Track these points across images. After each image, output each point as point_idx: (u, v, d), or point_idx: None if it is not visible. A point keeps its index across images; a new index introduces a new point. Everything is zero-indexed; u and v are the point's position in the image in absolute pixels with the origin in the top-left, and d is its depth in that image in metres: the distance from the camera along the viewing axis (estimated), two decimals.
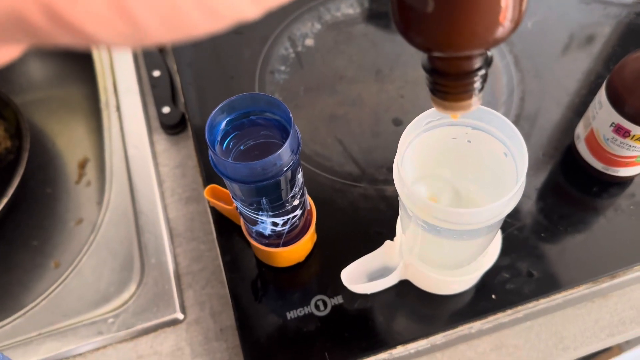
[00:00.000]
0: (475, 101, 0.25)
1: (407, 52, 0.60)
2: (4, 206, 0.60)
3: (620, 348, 1.00)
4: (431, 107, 0.33)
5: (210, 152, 0.35)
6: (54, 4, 0.14)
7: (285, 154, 0.34)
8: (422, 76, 0.59)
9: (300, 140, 0.36)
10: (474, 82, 0.23)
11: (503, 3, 0.20)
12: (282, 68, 0.59)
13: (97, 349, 0.47)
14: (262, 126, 0.37)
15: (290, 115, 0.35)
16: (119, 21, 0.14)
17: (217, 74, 0.59)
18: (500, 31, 0.21)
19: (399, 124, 0.54)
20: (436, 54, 0.23)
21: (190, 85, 0.58)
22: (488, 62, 0.23)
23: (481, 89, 0.24)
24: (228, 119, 0.36)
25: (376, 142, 0.53)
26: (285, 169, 0.35)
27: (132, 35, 0.15)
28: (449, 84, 0.24)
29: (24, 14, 0.14)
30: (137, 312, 0.48)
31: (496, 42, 0.21)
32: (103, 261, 0.52)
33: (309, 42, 0.60)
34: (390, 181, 0.51)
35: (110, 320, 0.48)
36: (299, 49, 0.60)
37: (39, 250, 0.68)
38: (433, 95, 0.25)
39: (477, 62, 0.23)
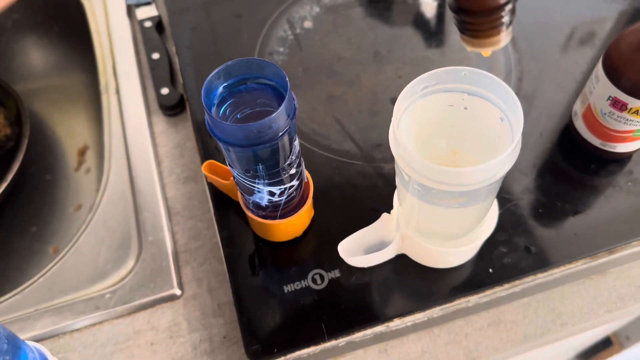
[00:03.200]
0: (505, 36, 0.25)
1: (405, 35, 0.60)
2: (2, 192, 0.60)
3: (621, 345, 1.00)
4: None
5: (206, 116, 0.35)
6: None
7: (281, 117, 0.34)
8: (420, 57, 0.59)
9: (296, 105, 0.36)
10: (502, 17, 0.24)
11: None
12: (281, 50, 0.59)
13: (94, 324, 0.47)
14: (259, 92, 0.37)
15: (287, 79, 0.35)
16: None
17: (216, 56, 0.59)
18: None
19: None
20: None
21: (189, 67, 0.58)
22: None
23: (510, 23, 0.24)
24: (225, 84, 0.36)
25: (374, 121, 0.53)
26: (280, 133, 0.35)
27: None
28: (477, 21, 0.24)
29: None
30: (134, 288, 0.48)
31: None
32: (100, 239, 0.52)
33: (308, 24, 0.61)
34: (387, 159, 0.51)
35: (108, 295, 0.48)
36: (298, 31, 0.61)
37: (38, 236, 0.68)
38: (462, 34, 0.25)
39: None
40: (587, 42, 0.59)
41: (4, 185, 0.61)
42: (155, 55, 0.61)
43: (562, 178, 0.50)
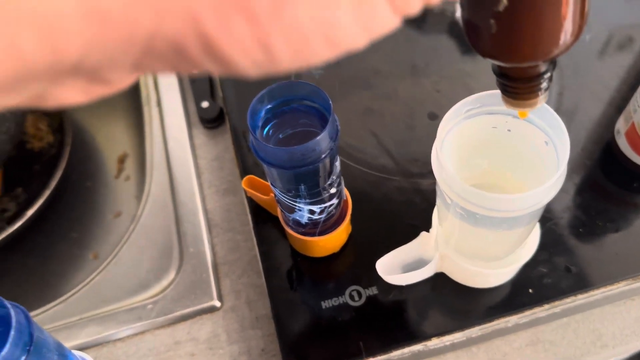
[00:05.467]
0: (542, 99, 0.27)
1: (443, 48, 0.60)
2: (46, 199, 0.62)
3: None
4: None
5: (250, 137, 0.35)
6: (212, 35, 0.15)
7: (324, 140, 0.35)
8: (458, 71, 0.59)
9: (339, 127, 0.37)
10: (540, 83, 0.26)
11: (562, 22, 0.22)
12: None
13: (136, 334, 0.49)
14: (301, 114, 0.38)
15: (330, 102, 0.35)
16: (259, 51, 0.16)
17: None
18: (561, 46, 0.23)
19: (435, 118, 0.54)
20: (503, 65, 0.25)
21: (229, 81, 0.59)
22: (554, 65, 0.25)
23: (547, 88, 0.26)
24: (268, 106, 0.37)
25: (411, 135, 0.53)
26: (323, 155, 0.35)
27: (264, 64, 0.16)
28: (517, 86, 0.26)
29: (184, 43, 0.15)
30: (175, 299, 0.49)
31: (557, 55, 0.23)
32: (142, 250, 0.53)
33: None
34: (425, 174, 0.51)
35: (149, 306, 0.49)
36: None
37: (78, 242, 0.70)
38: (502, 95, 0.28)
39: (543, 67, 0.25)
40: (625, 47, 0.58)
41: (47, 192, 0.63)
42: None
43: (604, 196, 0.49)
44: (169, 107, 0.61)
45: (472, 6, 0.23)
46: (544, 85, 0.26)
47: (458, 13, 0.63)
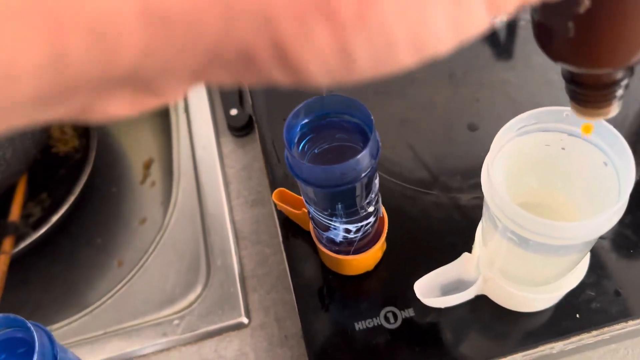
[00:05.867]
0: (615, 108, 0.24)
1: (482, 55, 0.57)
2: (71, 204, 0.61)
3: None
4: (509, 110, 0.32)
5: (286, 153, 0.34)
6: (287, 41, 0.13)
7: (364, 158, 0.33)
8: (498, 80, 0.56)
9: (380, 144, 0.34)
10: (615, 91, 0.23)
11: None
12: None
13: (161, 350, 0.47)
14: (339, 129, 0.36)
15: (372, 117, 0.33)
16: (337, 59, 0.14)
17: None
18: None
19: (475, 129, 0.52)
20: (577, 71, 0.23)
21: (259, 88, 0.57)
22: (631, 72, 0.23)
23: (622, 97, 0.23)
24: (305, 121, 0.35)
25: (449, 148, 0.51)
26: (363, 174, 0.33)
27: (339, 72, 0.15)
28: (589, 93, 0.24)
29: (254, 50, 0.14)
30: (202, 314, 0.47)
31: (637, 62, 0.21)
32: (169, 262, 0.52)
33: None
34: (464, 189, 0.48)
35: (176, 322, 0.47)
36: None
37: (103, 248, 0.69)
38: (572, 102, 0.25)
39: (619, 74, 0.23)
40: None
41: (72, 197, 0.63)
42: None
43: None
44: (196, 114, 0.59)
45: (547, 7, 0.21)
46: (619, 93, 0.24)
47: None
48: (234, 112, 0.58)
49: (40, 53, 0.12)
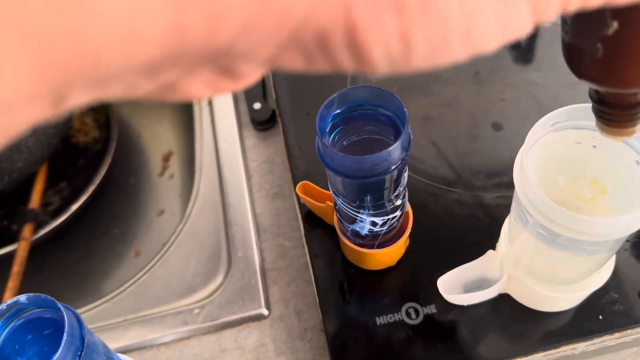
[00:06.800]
0: (639, 128, 0.25)
1: (508, 55, 0.57)
2: (90, 194, 0.62)
3: None
4: (534, 110, 0.32)
5: (317, 142, 0.34)
6: (360, 27, 0.14)
7: (396, 150, 0.33)
8: (523, 80, 0.56)
9: (412, 137, 0.34)
10: (639, 112, 0.24)
11: None
12: None
13: (181, 339, 0.47)
14: (369, 121, 0.36)
15: (405, 110, 0.33)
16: (399, 47, 0.15)
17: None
18: None
19: (499, 129, 0.52)
20: (604, 90, 0.24)
21: (283, 82, 0.57)
22: None
23: None
24: (337, 111, 0.35)
25: (473, 146, 0.51)
26: (394, 166, 0.33)
27: (399, 61, 0.15)
28: (615, 113, 0.25)
29: (330, 33, 0.14)
30: (222, 304, 0.48)
31: None
32: (190, 251, 0.52)
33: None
34: (488, 188, 0.48)
35: (196, 311, 0.47)
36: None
37: (120, 238, 0.69)
38: (597, 120, 0.26)
39: None
40: None
41: (92, 187, 0.63)
42: None
43: None
44: (220, 107, 0.60)
45: (577, 29, 0.22)
46: None
47: None
48: (257, 106, 0.58)
49: (164, 21, 0.12)
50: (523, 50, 0.58)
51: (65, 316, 0.32)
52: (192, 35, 0.13)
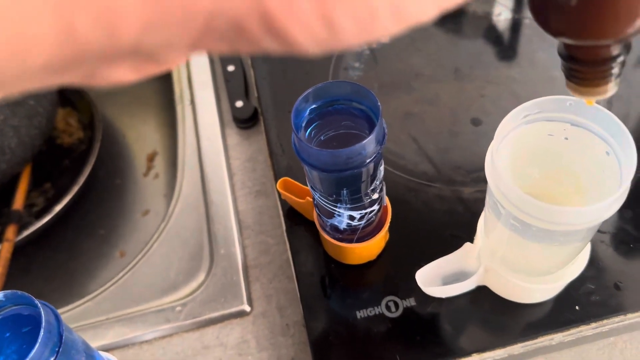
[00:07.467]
0: (612, 86, 0.24)
1: (488, 51, 0.58)
2: (74, 194, 0.62)
3: None
4: (513, 106, 0.32)
5: (293, 137, 0.34)
6: (272, 12, 0.14)
7: (370, 144, 0.33)
8: (503, 76, 0.57)
9: (386, 131, 0.35)
10: (612, 68, 0.23)
11: None
12: (356, 65, 0.58)
13: (164, 336, 0.47)
14: (345, 115, 0.36)
15: (379, 104, 0.34)
16: (322, 28, 0.15)
17: (291, 70, 0.58)
18: None
19: (479, 124, 0.52)
20: (575, 42, 0.22)
21: (265, 80, 0.57)
22: (628, 48, 0.23)
23: (619, 75, 0.23)
24: (313, 106, 0.35)
25: (454, 142, 0.51)
26: (369, 159, 0.34)
27: (327, 41, 0.15)
28: (586, 70, 0.24)
29: (244, 21, 0.15)
30: (205, 301, 0.48)
31: (636, 33, 0.21)
32: (173, 249, 0.52)
33: (384, 38, 0.59)
34: (467, 182, 0.49)
35: (178, 308, 0.48)
36: (374, 45, 0.59)
37: (105, 239, 0.69)
38: (568, 81, 0.25)
39: (616, 49, 0.22)
40: None
41: (76, 187, 0.63)
42: (231, 68, 0.61)
43: None
44: (202, 105, 0.60)
45: None
46: (616, 71, 0.24)
47: (496, 16, 0.61)
48: (239, 104, 0.58)
49: (50, 27, 0.13)
50: (504, 47, 0.58)
51: (43, 313, 0.32)
52: (87, 37, 0.13)
